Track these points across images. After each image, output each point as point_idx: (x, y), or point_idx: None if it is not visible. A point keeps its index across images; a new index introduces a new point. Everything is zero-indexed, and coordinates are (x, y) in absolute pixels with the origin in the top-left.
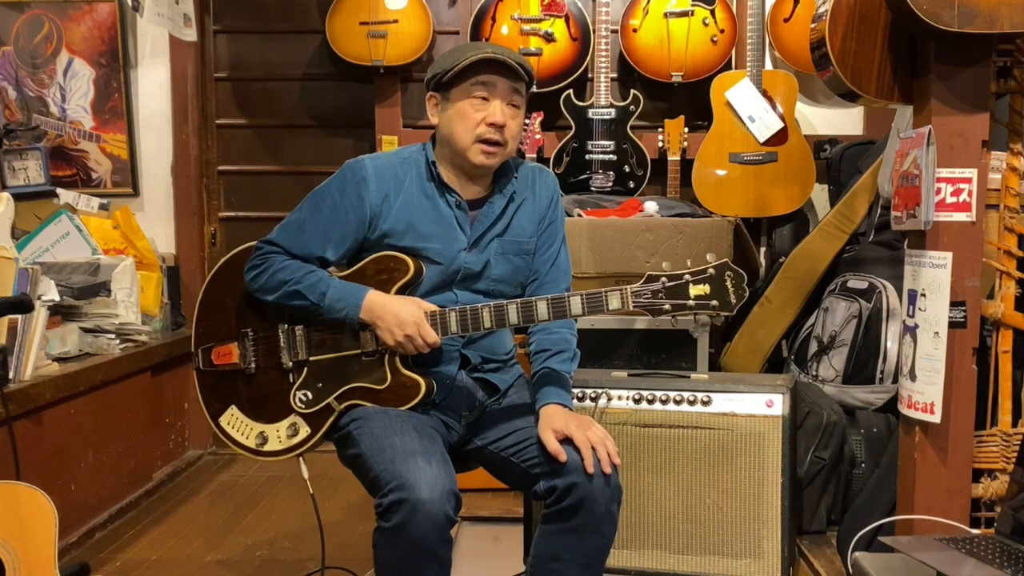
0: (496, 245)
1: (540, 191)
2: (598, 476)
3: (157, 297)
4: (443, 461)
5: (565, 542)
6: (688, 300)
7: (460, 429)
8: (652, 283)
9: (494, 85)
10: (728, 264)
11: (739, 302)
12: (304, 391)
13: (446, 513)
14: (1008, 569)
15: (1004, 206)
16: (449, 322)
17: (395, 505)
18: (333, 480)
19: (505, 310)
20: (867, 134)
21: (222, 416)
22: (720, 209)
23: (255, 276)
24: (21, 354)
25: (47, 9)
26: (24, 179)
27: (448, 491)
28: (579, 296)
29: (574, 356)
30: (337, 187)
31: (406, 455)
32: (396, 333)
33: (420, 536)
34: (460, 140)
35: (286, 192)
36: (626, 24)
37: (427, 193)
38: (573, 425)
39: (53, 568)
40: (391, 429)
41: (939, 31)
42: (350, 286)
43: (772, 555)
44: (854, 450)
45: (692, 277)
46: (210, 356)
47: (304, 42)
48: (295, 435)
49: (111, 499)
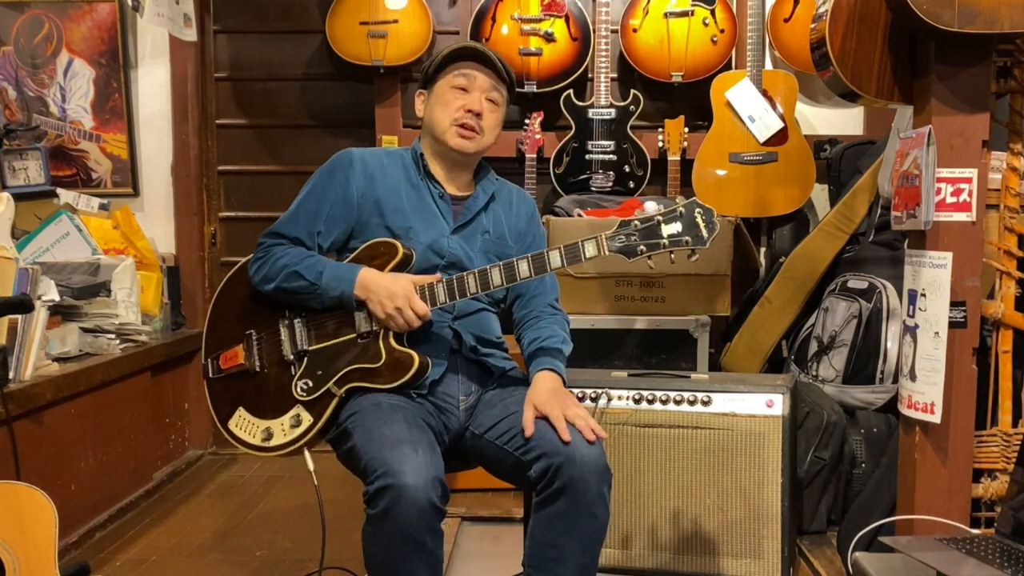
0: (480, 242)
1: (518, 207)
2: (586, 456)
3: (157, 297)
4: (430, 449)
5: (559, 527)
6: (662, 239)
7: (460, 415)
8: (625, 227)
9: (474, 77)
10: (696, 201)
11: (711, 235)
12: (305, 379)
13: (430, 499)
14: (1008, 569)
15: (1004, 206)
16: (437, 292)
17: (381, 491)
18: (333, 480)
19: (488, 272)
20: (867, 134)
21: (231, 420)
22: (720, 209)
23: (258, 268)
24: (21, 354)
25: (47, 9)
26: (24, 179)
27: (434, 478)
28: (557, 249)
29: (565, 340)
30: (326, 172)
31: (393, 443)
32: (387, 305)
33: (405, 522)
34: (439, 123)
35: (286, 192)
36: (626, 24)
37: (412, 182)
38: (552, 403)
39: (53, 568)
40: (381, 420)
41: (939, 31)
42: (344, 266)
43: (772, 555)
44: (854, 450)
45: (663, 217)
46: (218, 362)
47: (304, 42)
48: (298, 425)
49: (111, 499)
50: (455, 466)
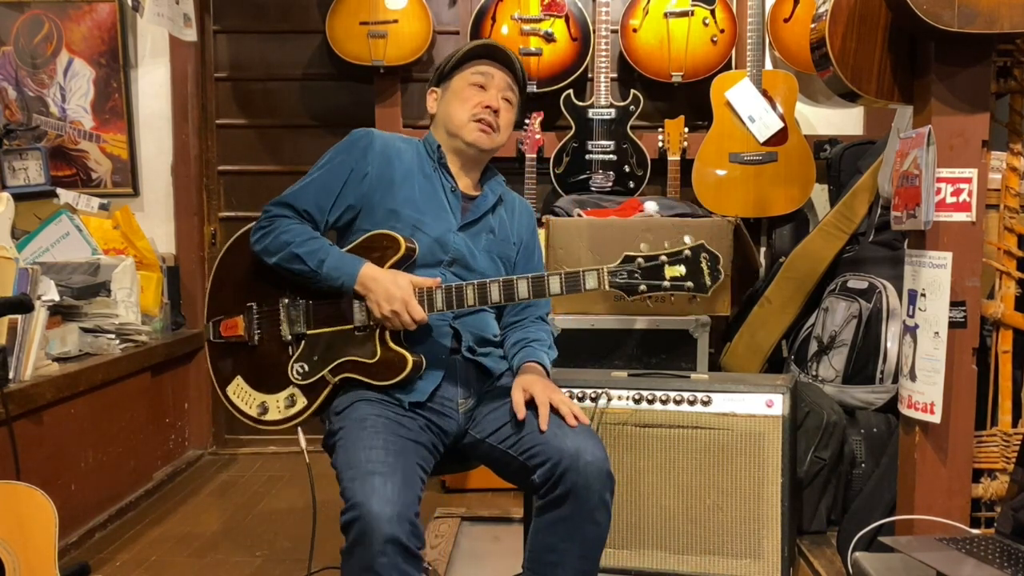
0: (485, 241)
1: (521, 215)
2: (591, 462)
3: (157, 297)
4: (403, 482)
5: (560, 532)
6: (663, 281)
7: (459, 418)
8: (628, 263)
9: (491, 76)
10: (704, 246)
11: (714, 284)
12: (301, 363)
13: (395, 535)
14: (1008, 569)
15: (1004, 206)
16: (435, 299)
17: (348, 524)
18: (332, 479)
19: (487, 287)
20: (867, 134)
21: (229, 386)
22: (720, 209)
23: (260, 237)
24: (21, 354)
25: (47, 9)
26: (24, 179)
27: (400, 513)
28: (558, 275)
29: (551, 347)
30: (344, 146)
31: (365, 474)
32: (384, 307)
33: (369, 559)
34: (456, 117)
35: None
36: (626, 24)
37: (425, 172)
38: (539, 385)
39: (53, 568)
40: (362, 442)
41: (939, 31)
42: (347, 256)
43: (772, 555)
44: (854, 450)
45: (668, 258)
46: (219, 328)
47: (304, 42)
48: (292, 405)
49: (111, 499)
50: (455, 467)
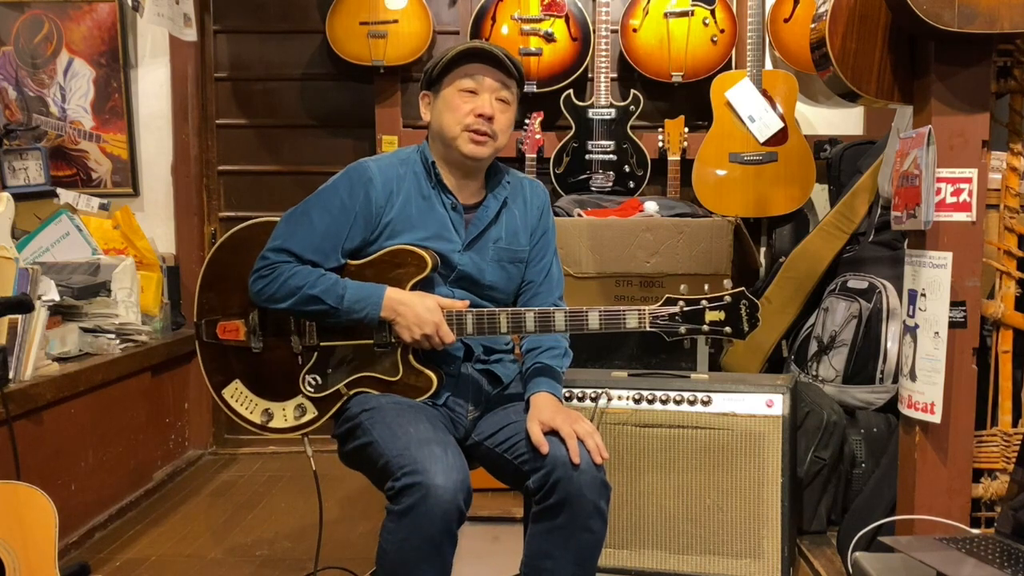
0: (492, 252)
1: (532, 200)
2: (585, 471)
3: (157, 297)
4: (458, 452)
5: (555, 540)
6: (703, 325)
7: (466, 424)
8: (670, 306)
9: (482, 78)
10: (744, 292)
11: (751, 330)
12: (314, 375)
13: (458, 504)
14: (1008, 569)
15: (1004, 206)
16: (466, 324)
17: (408, 488)
18: (334, 480)
19: (523, 317)
20: (867, 134)
21: (225, 388)
22: (720, 209)
23: (264, 287)
24: (21, 354)
25: (47, 9)
26: (24, 179)
27: (462, 481)
28: (597, 312)
29: (566, 353)
30: (345, 188)
31: (421, 442)
32: (415, 331)
33: (428, 522)
34: (449, 130)
35: (286, 192)
36: (626, 24)
37: (424, 194)
38: (560, 418)
39: (53, 568)
40: (405, 418)
41: (939, 31)
42: (367, 286)
43: (772, 555)
44: (854, 450)
45: (709, 303)
46: (215, 329)
47: (304, 42)
48: (302, 416)
49: (111, 499)
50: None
